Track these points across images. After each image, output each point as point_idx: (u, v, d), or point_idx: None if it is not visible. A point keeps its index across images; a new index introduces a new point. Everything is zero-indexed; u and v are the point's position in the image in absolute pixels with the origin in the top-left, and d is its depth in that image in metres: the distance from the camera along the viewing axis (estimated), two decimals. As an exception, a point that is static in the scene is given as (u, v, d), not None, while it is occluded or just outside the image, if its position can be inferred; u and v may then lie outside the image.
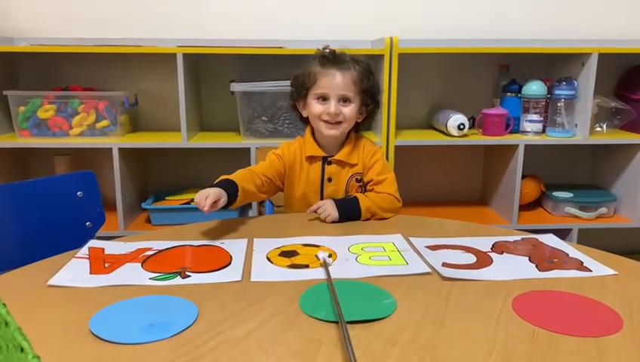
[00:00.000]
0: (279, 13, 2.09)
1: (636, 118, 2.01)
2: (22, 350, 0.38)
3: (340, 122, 1.26)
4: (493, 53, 2.01)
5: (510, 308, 0.76)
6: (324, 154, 1.30)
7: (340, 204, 1.21)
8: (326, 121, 1.26)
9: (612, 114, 2.06)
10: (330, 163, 1.30)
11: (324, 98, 1.26)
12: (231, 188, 1.16)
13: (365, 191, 1.31)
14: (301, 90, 1.30)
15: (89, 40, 1.96)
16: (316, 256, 0.95)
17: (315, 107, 1.27)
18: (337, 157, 1.30)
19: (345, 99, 1.26)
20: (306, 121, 1.34)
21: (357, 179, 1.31)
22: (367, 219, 1.22)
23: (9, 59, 1.99)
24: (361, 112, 1.31)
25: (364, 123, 1.36)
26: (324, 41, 1.36)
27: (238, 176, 1.22)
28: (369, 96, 1.29)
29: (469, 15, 2.13)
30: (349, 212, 1.20)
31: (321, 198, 1.31)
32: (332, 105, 1.24)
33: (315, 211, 1.21)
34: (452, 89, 2.16)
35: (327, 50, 1.31)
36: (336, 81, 1.24)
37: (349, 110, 1.26)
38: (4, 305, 0.40)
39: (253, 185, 1.24)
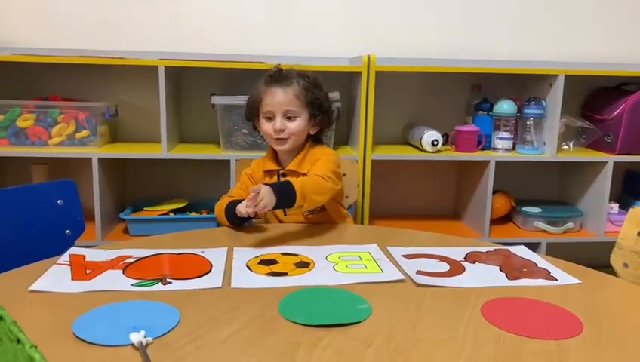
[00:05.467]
0: (261, 28, 2.13)
1: (601, 137, 2.10)
2: (18, 341, 0.40)
3: (286, 138, 1.30)
4: (467, 72, 2.09)
5: (479, 313, 0.80)
6: (278, 167, 1.35)
7: (277, 190, 1.13)
8: (275, 138, 1.31)
9: (578, 133, 2.15)
10: (284, 174, 1.34)
11: (270, 117, 1.31)
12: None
13: None
14: (252, 110, 1.36)
15: (71, 51, 1.96)
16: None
17: (264, 126, 1.33)
18: (289, 167, 1.34)
19: (290, 115, 1.30)
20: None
21: None
22: (301, 206, 1.18)
23: (-12, 68, 1.98)
24: (313, 124, 1.35)
25: (321, 133, 1.40)
26: (303, 57, 1.39)
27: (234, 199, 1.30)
28: (316, 108, 1.33)
29: (444, 36, 2.21)
30: (286, 199, 1.15)
31: None
32: (277, 122, 1.30)
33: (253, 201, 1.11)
34: (427, 106, 2.23)
35: (275, 69, 1.36)
36: (278, 98, 1.30)
37: (295, 125, 1.31)
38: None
39: None
